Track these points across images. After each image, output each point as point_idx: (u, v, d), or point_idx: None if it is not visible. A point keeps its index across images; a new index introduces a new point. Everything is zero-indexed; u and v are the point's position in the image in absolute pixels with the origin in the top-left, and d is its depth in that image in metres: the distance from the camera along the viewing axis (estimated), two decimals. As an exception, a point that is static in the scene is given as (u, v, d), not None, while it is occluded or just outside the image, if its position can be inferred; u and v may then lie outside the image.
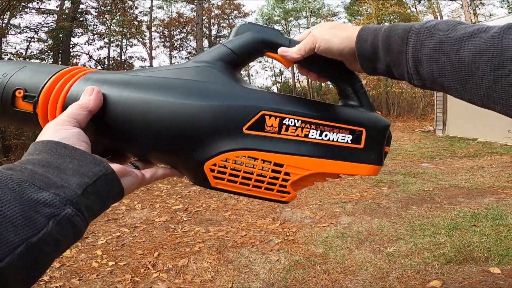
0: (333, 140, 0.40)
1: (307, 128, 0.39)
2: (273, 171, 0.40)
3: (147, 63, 18.37)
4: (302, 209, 3.48)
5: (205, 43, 20.47)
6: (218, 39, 21.19)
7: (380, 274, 2.15)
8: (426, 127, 10.93)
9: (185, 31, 20.01)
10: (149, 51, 18.12)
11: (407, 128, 11.33)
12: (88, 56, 12.89)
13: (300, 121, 0.39)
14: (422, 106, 13.74)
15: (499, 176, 4.42)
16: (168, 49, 20.85)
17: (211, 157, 0.39)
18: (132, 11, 13.65)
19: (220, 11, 20.51)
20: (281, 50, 0.43)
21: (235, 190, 0.41)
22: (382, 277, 2.11)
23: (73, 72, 0.41)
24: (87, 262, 2.53)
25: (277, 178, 0.40)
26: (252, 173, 0.40)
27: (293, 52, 0.42)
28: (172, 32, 19.87)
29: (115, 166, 0.33)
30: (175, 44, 20.61)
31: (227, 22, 21.20)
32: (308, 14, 22.03)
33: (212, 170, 0.39)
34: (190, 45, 20.37)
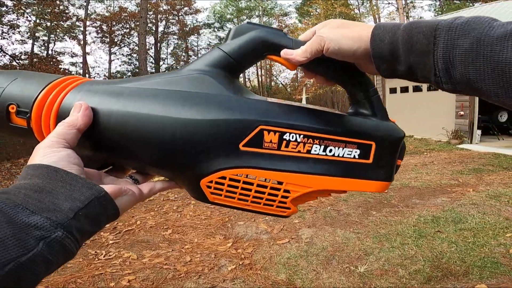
0: (338, 156, 0.37)
1: (310, 143, 0.36)
2: (271, 188, 0.37)
3: (78, 59, 16.62)
4: (257, 221, 3.04)
5: (151, 39, 19.29)
6: (165, 35, 20.16)
7: (357, 304, 1.80)
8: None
9: (128, 26, 18.48)
10: (82, 47, 16.32)
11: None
12: (0, 50, 11.03)
13: (302, 136, 0.36)
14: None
15: (443, 174, 4.52)
16: (107, 45, 19.10)
17: (206, 174, 0.36)
18: (60, 2, 12.03)
19: (169, 7, 19.24)
20: (284, 52, 0.38)
21: (234, 205, 0.38)
22: (360, 308, 1.77)
23: (66, 83, 0.38)
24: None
25: (276, 195, 0.37)
26: (250, 190, 0.37)
27: (298, 54, 0.37)
28: (112, 28, 18.19)
29: (109, 187, 0.32)
30: (116, 40, 18.95)
31: (177, 18, 20.05)
32: (260, 13, 22.01)
33: (209, 187, 0.37)
34: (134, 41, 18.89)
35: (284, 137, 0.36)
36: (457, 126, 6.99)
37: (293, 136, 0.36)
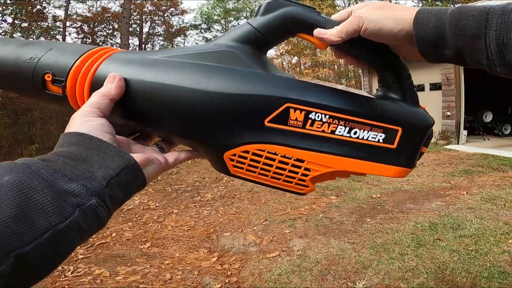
0: (362, 138, 0.37)
1: (335, 124, 0.36)
2: (292, 165, 0.37)
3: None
4: (244, 232, 2.81)
5: (135, 40, 18.94)
6: (150, 37, 19.79)
7: (359, 329, 1.60)
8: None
9: (111, 27, 17.93)
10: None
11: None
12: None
13: (328, 116, 0.36)
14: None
15: (435, 176, 4.41)
16: (89, 47, 18.60)
17: (230, 148, 0.37)
18: (37, 2, 11.59)
19: (154, 8, 18.77)
20: (318, 32, 0.37)
21: (254, 179, 0.39)
22: (362, 334, 1.57)
23: (100, 53, 0.39)
24: None
25: (296, 173, 0.38)
26: (271, 166, 0.38)
27: (332, 34, 0.36)
28: (94, 28, 17.61)
29: (138, 156, 0.32)
30: (98, 41, 18.41)
31: (162, 19, 19.59)
32: (248, 14, 21.91)
33: (232, 160, 0.38)
34: (117, 43, 18.39)
35: (310, 116, 0.36)
36: (444, 127, 6.97)
37: (318, 116, 0.36)
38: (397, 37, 0.35)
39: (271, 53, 19.53)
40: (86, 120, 0.32)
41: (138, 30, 19.25)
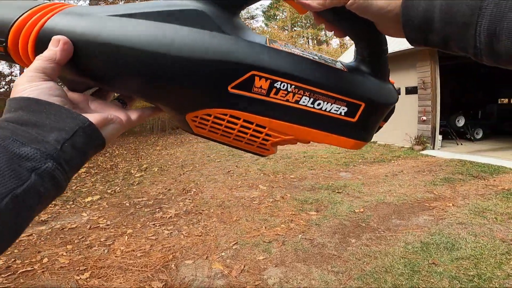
0: (325, 110, 0.36)
1: (300, 94, 0.36)
2: (254, 130, 0.37)
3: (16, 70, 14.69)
4: (210, 259, 2.35)
5: None
6: None
7: None
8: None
9: None
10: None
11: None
12: None
13: (293, 86, 0.35)
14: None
15: (416, 185, 4.17)
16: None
17: (192, 110, 0.37)
18: None
19: None
20: None
21: (217, 139, 0.39)
22: None
23: (50, 8, 0.36)
24: None
25: (257, 137, 0.38)
26: (233, 129, 0.37)
27: (314, 1, 0.34)
28: None
29: (94, 117, 0.31)
30: None
31: None
32: None
33: (194, 121, 0.38)
34: None
35: (275, 85, 0.35)
36: (420, 132, 6.87)
37: (284, 85, 0.35)
38: (386, 17, 0.33)
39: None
40: (30, 85, 0.30)
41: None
